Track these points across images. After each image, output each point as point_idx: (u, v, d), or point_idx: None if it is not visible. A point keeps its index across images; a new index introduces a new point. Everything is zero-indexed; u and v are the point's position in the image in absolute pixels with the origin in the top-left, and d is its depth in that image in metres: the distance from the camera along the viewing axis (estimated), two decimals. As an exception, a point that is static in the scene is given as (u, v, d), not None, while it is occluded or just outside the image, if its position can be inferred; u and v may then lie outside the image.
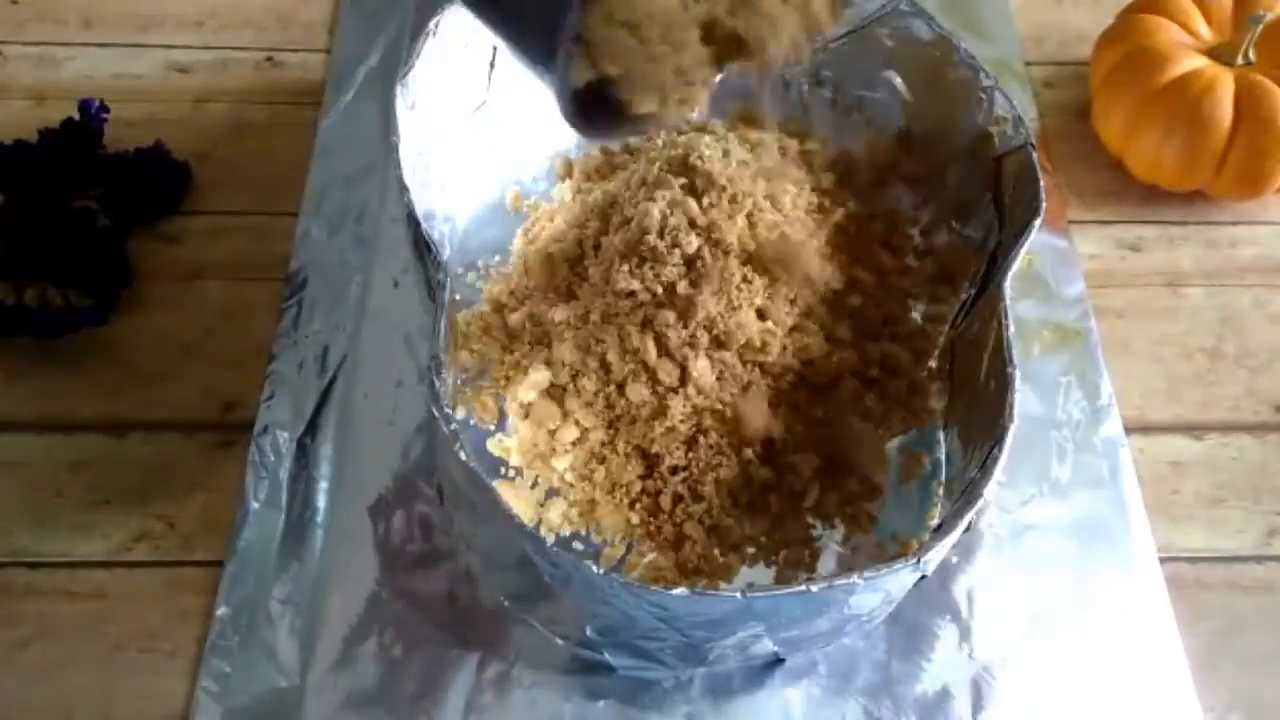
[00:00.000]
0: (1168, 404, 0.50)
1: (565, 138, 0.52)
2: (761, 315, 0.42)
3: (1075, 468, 0.46)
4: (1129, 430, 0.48)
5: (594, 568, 0.32)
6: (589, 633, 0.37)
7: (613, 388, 0.41)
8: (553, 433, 0.41)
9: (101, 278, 0.49)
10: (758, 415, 0.41)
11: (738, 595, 0.32)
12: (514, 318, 0.44)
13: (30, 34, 0.60)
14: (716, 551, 0.40)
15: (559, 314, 0.42)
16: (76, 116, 0.54)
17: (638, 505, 0.41)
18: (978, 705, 0.40)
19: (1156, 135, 0.52)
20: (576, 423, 0.41)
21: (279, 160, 0.55)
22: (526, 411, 0.42)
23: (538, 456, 0.42)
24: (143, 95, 0.58)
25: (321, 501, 0.44)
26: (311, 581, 0.42)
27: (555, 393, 0.42)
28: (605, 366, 0.41)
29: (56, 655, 0.41)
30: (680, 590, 0.31)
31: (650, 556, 0.40)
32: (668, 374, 0.40)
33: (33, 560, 0.43)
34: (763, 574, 0.41)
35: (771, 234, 0.42)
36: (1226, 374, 0.51)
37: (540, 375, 0.42)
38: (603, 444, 0.41)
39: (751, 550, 0.41)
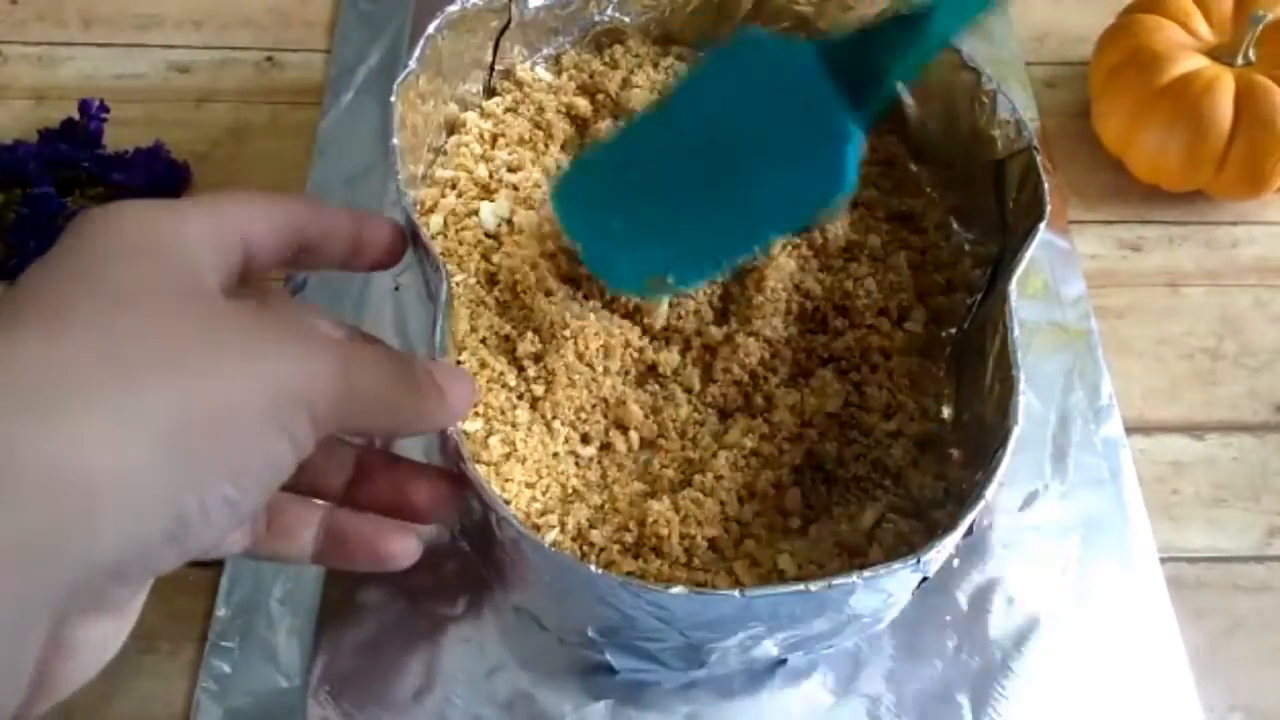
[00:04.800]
0: (1168, 404, 0.50)
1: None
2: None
3: (1075, 468, 0.46)
4: (1129, 430, 0.48)
5: (591, 567, 0.32)
6: (590, 633, 0.37)
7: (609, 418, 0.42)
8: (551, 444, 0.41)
9: (101, 278, 0.49)
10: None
11: (736, 594, 0.32)
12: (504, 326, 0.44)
13: (30, 34, 0.60)
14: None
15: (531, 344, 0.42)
16: (76, 116, 0.54)
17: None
18: (978, 706, 0.40)
19: (1156, 135, 0.52)
20: (567, 439, 0.41)
21: (279, 160, 0.55)
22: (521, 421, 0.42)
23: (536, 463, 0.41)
24: (143, 95, 0.58)
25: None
26: (311, 581, 0.42)
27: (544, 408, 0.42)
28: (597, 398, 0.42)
29: (56, 655, 0.41)
30: (678, 589, 0.31)
31: (658, 562, 0.40)
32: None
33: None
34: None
35: None
36: (1227, 374, 0.51)
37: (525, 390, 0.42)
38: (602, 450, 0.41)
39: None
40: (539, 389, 0.41)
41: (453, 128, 0.48)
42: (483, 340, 0.42)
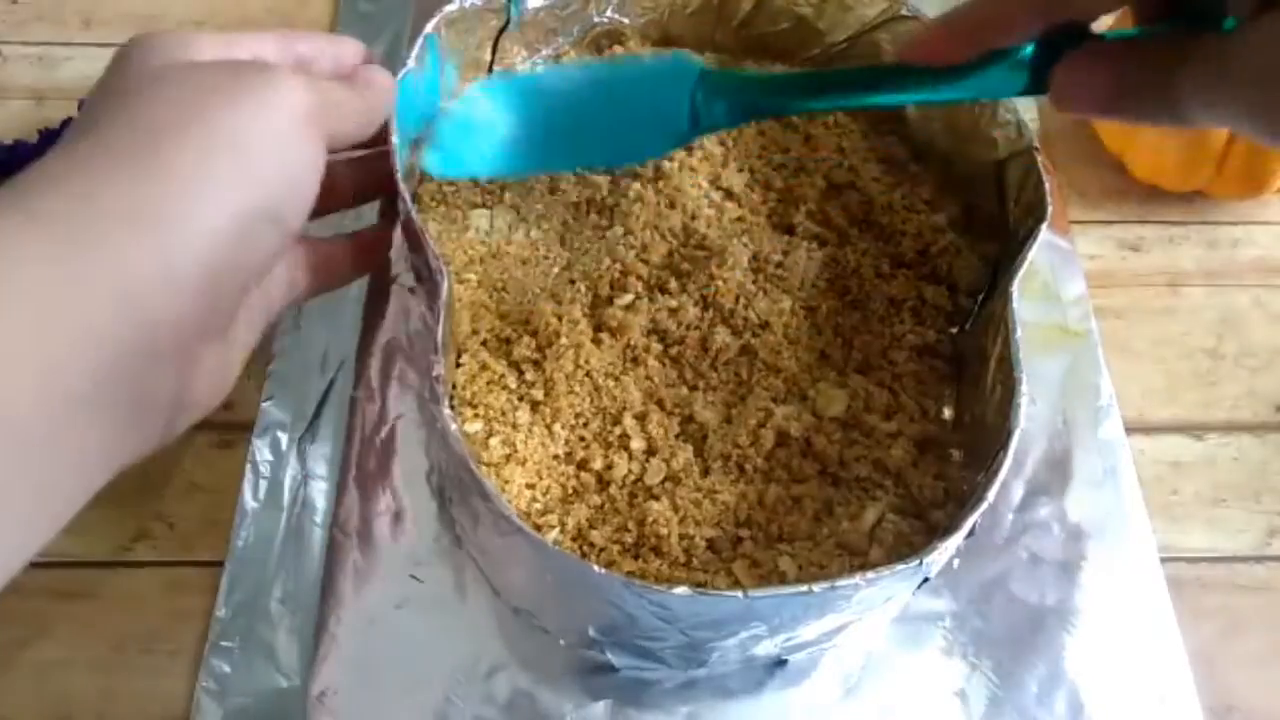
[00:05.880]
0: (1168, 404, 0.50)
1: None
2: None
3: (1075, 468, 0.46)
4: (1129, 430, 0.48)
5: (594, 567, 0.32)
6: (591, 632, 0.37)
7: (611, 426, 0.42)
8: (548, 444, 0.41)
9: (101, 278, 0.48)
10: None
11: (739, 595, 0.32)
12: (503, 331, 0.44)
13: (30, 34, 0.60)
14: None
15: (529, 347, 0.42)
16: (76, 116, 0.54)
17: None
18: (978, 706, 0.40)
19: (1156, 135, 0.52)
20: (567, 441, 0.41)
21: (279, 160, 0.55)
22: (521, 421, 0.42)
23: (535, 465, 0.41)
24: (142, 95, 0.57)
25: (321, 502, 0.44)
26: (311, 581, 0.42)
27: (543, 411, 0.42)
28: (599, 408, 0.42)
29: (55, 655, 0.41)
30: (681, 590, 0.31)
31: (658, 562, 0.40)
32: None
33: (32, 560, 0.43)
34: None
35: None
36: (1226, 374, 0.51)
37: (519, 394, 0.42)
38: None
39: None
40: (538, 394, 0.41)
41: (453, 128, 0.48)
42: (483, 343, 0.42)
